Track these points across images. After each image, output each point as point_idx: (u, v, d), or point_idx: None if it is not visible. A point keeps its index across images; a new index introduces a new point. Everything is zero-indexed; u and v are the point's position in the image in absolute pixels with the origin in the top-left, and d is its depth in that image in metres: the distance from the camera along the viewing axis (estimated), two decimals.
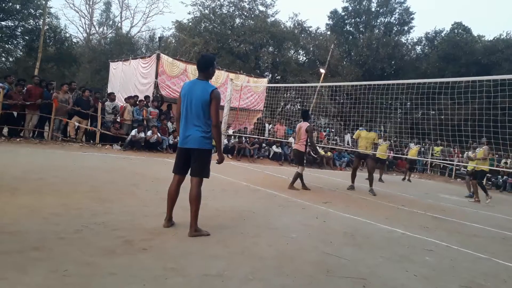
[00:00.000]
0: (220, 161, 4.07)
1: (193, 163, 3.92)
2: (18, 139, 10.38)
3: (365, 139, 9.53)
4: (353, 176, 9.73)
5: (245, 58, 24.88)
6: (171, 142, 12.92)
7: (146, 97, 13.67)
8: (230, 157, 13.87)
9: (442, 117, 13.94)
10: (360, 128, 10.16)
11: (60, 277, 2.58)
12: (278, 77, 26.45)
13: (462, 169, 19.16)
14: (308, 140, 8.39)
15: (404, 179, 14.90)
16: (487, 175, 17.00)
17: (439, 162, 15.95)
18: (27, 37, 22.08)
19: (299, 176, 8.39)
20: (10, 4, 20.54)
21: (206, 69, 3.99)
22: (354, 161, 9.93)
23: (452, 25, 28.84)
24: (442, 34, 28.78)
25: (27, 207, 4.10)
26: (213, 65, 4.06)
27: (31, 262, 2.75)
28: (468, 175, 12.35)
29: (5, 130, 10.75)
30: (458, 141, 10.27)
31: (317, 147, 9.37)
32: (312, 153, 13.15)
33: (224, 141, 14.05)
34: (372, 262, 3.78)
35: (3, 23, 21.57)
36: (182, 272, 2.91)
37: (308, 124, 8.45)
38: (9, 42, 22.68)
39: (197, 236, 3.84)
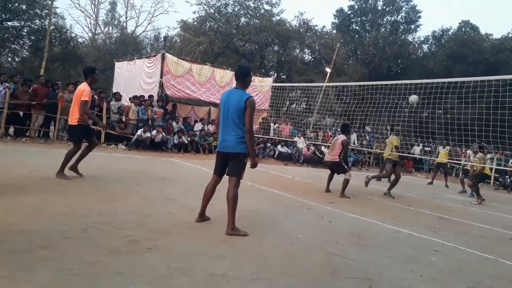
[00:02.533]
0: (252, 165, 4.29)
1: (230, 165, 4.18)
2: (24, 139, 10.45)
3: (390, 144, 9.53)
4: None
5: (250, 57, 24.85)
6: (176, 141, 12.94)
7: (151, 96, 13.70)
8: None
9: (448, 116, 13.83)
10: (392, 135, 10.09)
11: (66, 276, 2.59)
12: (284, 76, 26.39)
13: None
14: (342, 152, 8.24)
15: (431, 183, 14.55)
16: (495, 175, 16.89)
17: (448, 162, 15.82)
18: (33, 37, 22.20)
19: (348, 182, 8.21)
20: (16, 4, 20.66)
21: (243, 79, 4.26)
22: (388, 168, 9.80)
23: (459, 23, 28.68)
24: (450, 33, 28.59)
25: (33, 207, 4.12)
26: (249, 74, 4.31)
27: (38, 261, 2.76)
28: (465, 173, 12.45)
29: (11, 130, 10.82)
30: (465, 141, 10.19)
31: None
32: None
33: None
34: (378, 263, 3.76)
35: (9, 23, 21.71)
36: (187, 272, 2.91)
37: (345, 138, 8.30)
38: (15, 42, 22.82)
39: (233, 235, 3.99)
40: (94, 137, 6.78)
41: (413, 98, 10.33)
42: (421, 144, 17.89)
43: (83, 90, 6.13)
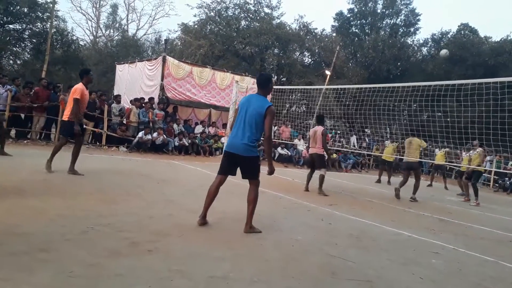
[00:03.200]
0: (270, 172, 4.38)
1: (245, 169, 4.31)
2: (25, 141, 10.47)
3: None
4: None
5: (250, 60, 24.89)
6: (176, 144, 12.96)
7: (151, 99, 13.73)
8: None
9: (449, 119, 13.83)
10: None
11: (66, 278, 2.60)
12: (284, 79, 26.41)
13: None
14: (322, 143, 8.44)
15: (430, 185, 14.56)
16: (494, 177, 16.89)
17: (446, 165, 15.82)
18: (34, 40, 22.25)
19: (323, 178, 8.36)
20: (18, 7, 20.72)
21: (266, 86, 4.41)
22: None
23: (458, 26, 28.72)
24: (449, 36, 28.62)
25: (33, 209, 4.12)
26: (271, 81, 4.53)
27: (38, 263, 2.77)
28: (459, 175, 12.43)
29: (13, 132, 10.85)
30: (465, 143, 10.20)
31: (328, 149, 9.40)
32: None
33: None
34: (378, 265, 3.76)
35: (11, 26, 21.76)
36: (187, 274, 2.92)
37: (323, 128, 8.49)
38: (17, 45, 22.86)
39: (251, 232, 4.24)
40: (81, 137, 7.11)
41: (444, 52, 10.31)
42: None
43: (76, 88, 6.59)
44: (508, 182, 16.38)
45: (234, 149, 4.21)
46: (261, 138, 4.45)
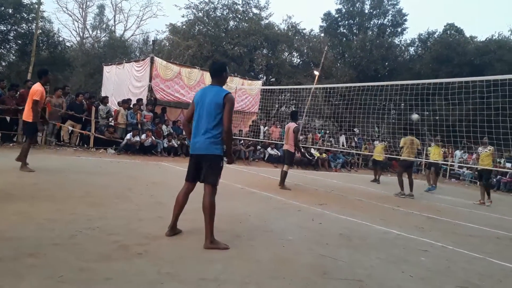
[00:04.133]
0: (229, 162, 4.15)
1: (204, 170, 3.77)
2: (11, 144, 10.31)
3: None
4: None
5: (239, 61, 24.86)
6: (165, 145, 12.88)
7: (139, 100, 13.63)
8: (225, 160, 13.85)
9: (437, 118, 14.02)
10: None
11: (55, 283, 2.56)
12: (273, 79, 26.47)
13: (457, 169, 19.33)
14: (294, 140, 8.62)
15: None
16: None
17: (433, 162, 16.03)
18: (19, 41, 21.96)
19: (286, 174, 8.46)
20: (3, 8, 20.43)
21: (219, 75, 3.92)
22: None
23: (444, 26, 29.09)
24: (435, 35, 28.97)
25: (21, 213, 4.06)
26: (225, 70, 3.98)
27: (27, 269, 2.73)
28: (428, 168, 12.77)
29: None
30: (453, 141, 10.33)
31: (301, 146, 9.63)
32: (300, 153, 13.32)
33: None
34: (368, 264, 3.79)
35: None
36: (178, 277, 2.90)
37: (296, 125, 8.59)
38: (2, 47, 22.52)
39: (213, 248, 3.62)
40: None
41: (415, 116, 10.67)
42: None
43: (36, 90, 6.81)
44: (494, 180, 16.63)
45: (195, 149, 3.81)
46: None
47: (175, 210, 3.91)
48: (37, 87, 6.80)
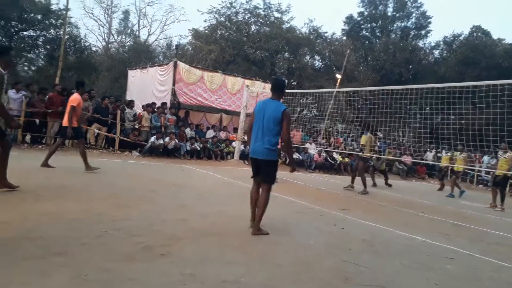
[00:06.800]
0: (291, 170, 4.80)
1: (262, 172, 4.45)
2: (40, 146, 10.63)
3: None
4: None
5: (260, 65, 24.94)
6: (188, 148, 13.02)
7: (163, 104, 13.84)
8: (247, 163, 13.89)
9: (463, 122, 13.68)
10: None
11: (81, 282, 2.63)
12: (294, 83, 26.41)
13: (484, 175, 18.75)
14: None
15: (440, 189, 14.35)
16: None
17: (460, 167, 15.62)
18: (48, 47, 22.67)
19: None
20: (32, 14, 21.14)
21: (280, 91, 4.57)
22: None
23: (471, 28, 28.38)
24: (461, 38, 28.32)
25: (49, 213, 4.19)
26: (285, 86, 4.66)
27: (54, 267, 2.81)
28: (454, 174, 12.79)
29: (28, 137, 11.03)
30: (479, 146, 10.04)
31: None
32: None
33: (241, 147, 14.10)
34: (391, 270, 3.73)
35: (25, 33, 22.22)
36: (200, 278, 2.93)
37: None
38: (31, 52, 23.30)
39: (258, 234, 4.32)
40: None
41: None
42: (434, 150, 17.70)
43: (74, 98, 7.41)
44: None
45: (255, 154, 4.44)
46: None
47: (252, 205, 4.57)
48: (75, 96, 7.51)
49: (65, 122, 7.59)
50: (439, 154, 16.97)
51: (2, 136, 4.97)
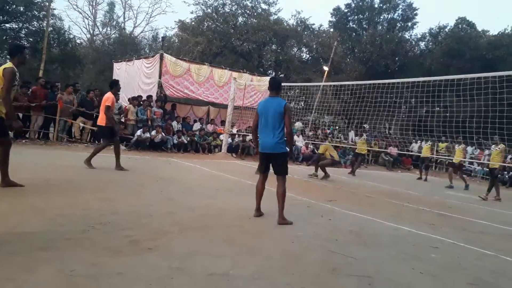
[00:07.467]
0: (290, 158, 5.28)
1: (275, 165, 4.83)
2: (23, 141, 10.45)
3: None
4: None
5: (248, 57, 24.84)
6: (175, 141, 12.94)
7: (149, 96, 13.69)
8: (235, 156, 13.88)
9: (448, 114, 13.86)
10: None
11: (67, 277, 2.60)
12: (282, 75, 26.41)
13: (468, 166, 19.09)
14: None
15: (420, 178, 14.72)
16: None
17: (444, 159, 15.85)
18: (31, 39, 22.14)
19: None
20: (14, 6, 20.61)
21: (278, 89, 4.96)
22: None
23: (456, 20, 28.67)
24: (446, 30, 28.59)
25: (34, 208, 4.13)
26: (281, 84, 5.08)
27: (39, 263, 2.77)
28: (452, 166, 13.12)
29: (11, 132, 10.81)
30: (462, 137, 10.21)
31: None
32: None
33: (228, 140, 14.07)
34: (378, 260, 3.78)
35: (7, 25, 21.64)
36: (188, 272, 2.92)
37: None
38: None
39: (283, 224, 4.66)
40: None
41: (298, 125, 11.23)
42: (419, 142, 17.91)
43: (108, 97, 7.55)
44: (507, 176, 16.40)
45: (266, 149, 4.79)
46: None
47: (257, 197, 4.96)
48: (108, 95, 7.63)
49: (100, 121, 7.68)
50: (422, 144, 17.23)
51: (4, 135, 5.03)
